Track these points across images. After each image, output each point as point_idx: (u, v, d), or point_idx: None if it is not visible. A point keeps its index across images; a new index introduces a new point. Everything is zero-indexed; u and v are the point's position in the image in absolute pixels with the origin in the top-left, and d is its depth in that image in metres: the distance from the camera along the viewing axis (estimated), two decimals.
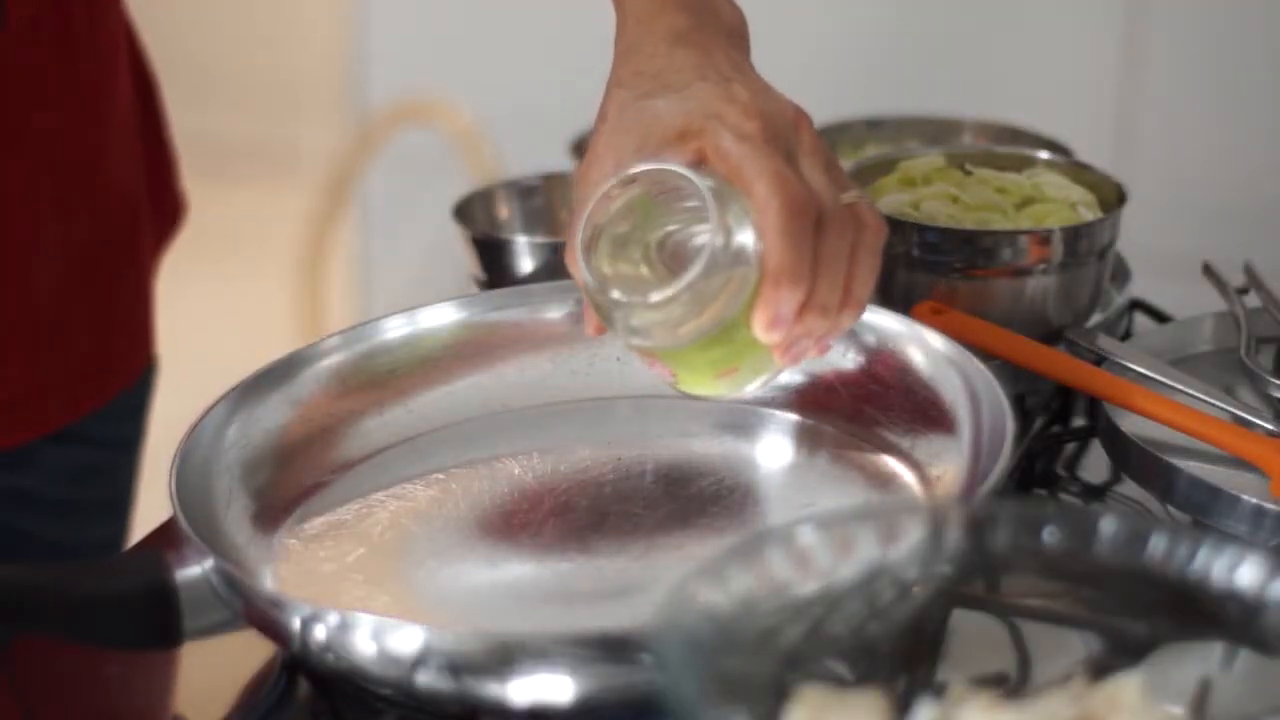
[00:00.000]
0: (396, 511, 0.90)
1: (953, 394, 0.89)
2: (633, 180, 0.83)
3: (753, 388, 0.87)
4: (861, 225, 0.82)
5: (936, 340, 0.91)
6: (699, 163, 0.83)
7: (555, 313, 0.99)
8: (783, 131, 0.83)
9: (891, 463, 0.91)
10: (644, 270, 0.85)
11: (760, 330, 0.82)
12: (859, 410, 0.94)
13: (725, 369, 0.85)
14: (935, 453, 0.90)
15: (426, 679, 0.74)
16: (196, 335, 1.50)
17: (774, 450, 0.95)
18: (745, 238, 0.81)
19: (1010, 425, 0.83)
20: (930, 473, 0.89)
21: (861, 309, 0.84)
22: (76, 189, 1.07)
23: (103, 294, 1.11)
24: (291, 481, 0.91)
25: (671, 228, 0.84)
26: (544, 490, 0.91)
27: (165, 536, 0.90)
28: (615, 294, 0.83)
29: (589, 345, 0.98)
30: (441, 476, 0.93)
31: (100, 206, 1.09)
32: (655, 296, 0.82)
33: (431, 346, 0.97)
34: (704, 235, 0.81)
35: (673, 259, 0.84)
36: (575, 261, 0.84)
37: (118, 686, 0.86)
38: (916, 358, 0.92)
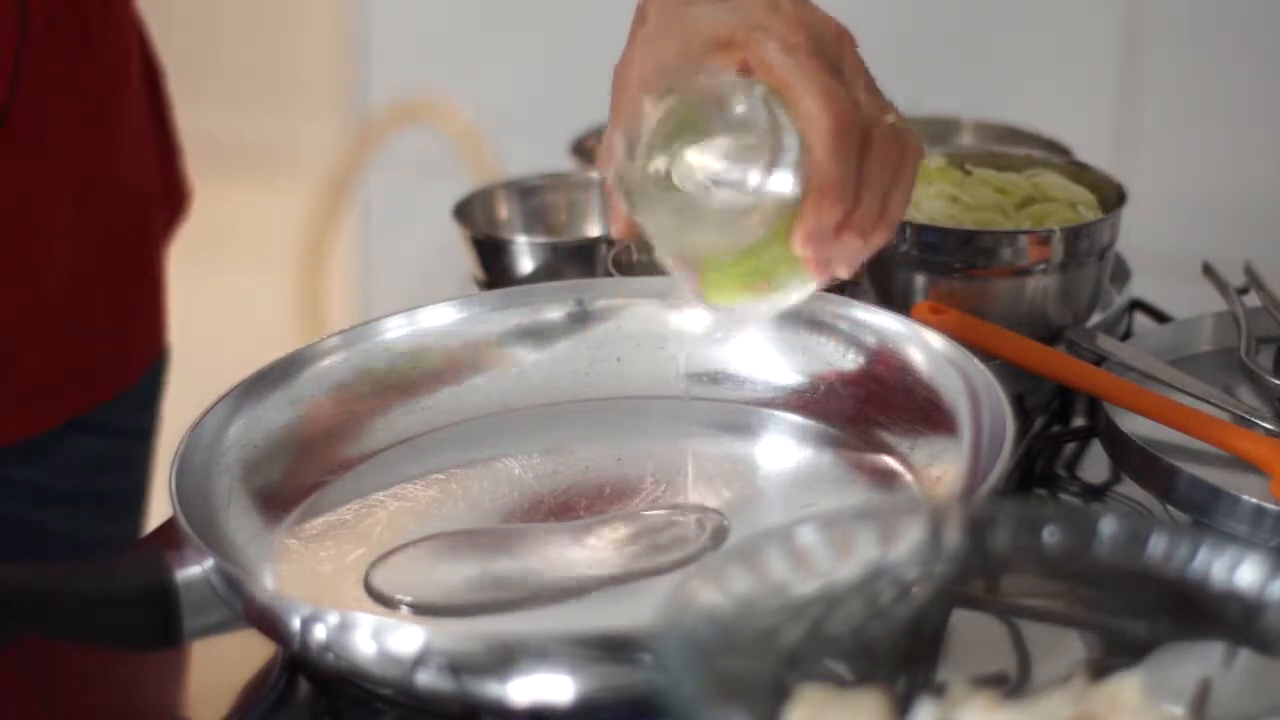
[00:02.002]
0: (396, 511, 0.90)
1: (953, 394, 0.89)
2: (670, 90, 0.83)
3: (775, 306, 0.87)
4: (904, 146, 0.83)
5: (936, 340, 0.91)
6: (743, 73, 0.82)
7: (555, 313, 0.99)
8: (829, 46, 0.82)
9: (892, 463, 0.91)
10: (687, 180, 0.84)
11: (798, 243, 0.82)
12: (859, 410, 0.94)
13: (757, 281, 0.85)
14: (935, 453, 0.90)
15: (426, 679, 0.74)
16: (196, 334, 1.49)
17: (774, 450, 0.95)
18: (792, 151, 0.81)
19: (1010, 425, 0.83)
20: (930, 473, 0.89)
21: (892, 231, 0.84)
22: (92, 181, 1.07)
23: (118, 283, 1.11)
24: (291, 481, 0.91)
25: (715, 138, 0.84)
26: (544, 490, 0.91)
27: (165, 536, 0.90)
28: (676, 181, 0.83)
29: (589, 345, 0.98)
30: (441, 476, 0.93)
31: (115, 198, 1.10)
32: (707, 203, 0.82)
33: (431, 346, 0.97)
34: (751, 146, 0.81)
35: (720, 169, 0.84)
36: (613, 160, 0.84)
37: (131, 686, 0.86)
38: (916, 358, 0.92)
